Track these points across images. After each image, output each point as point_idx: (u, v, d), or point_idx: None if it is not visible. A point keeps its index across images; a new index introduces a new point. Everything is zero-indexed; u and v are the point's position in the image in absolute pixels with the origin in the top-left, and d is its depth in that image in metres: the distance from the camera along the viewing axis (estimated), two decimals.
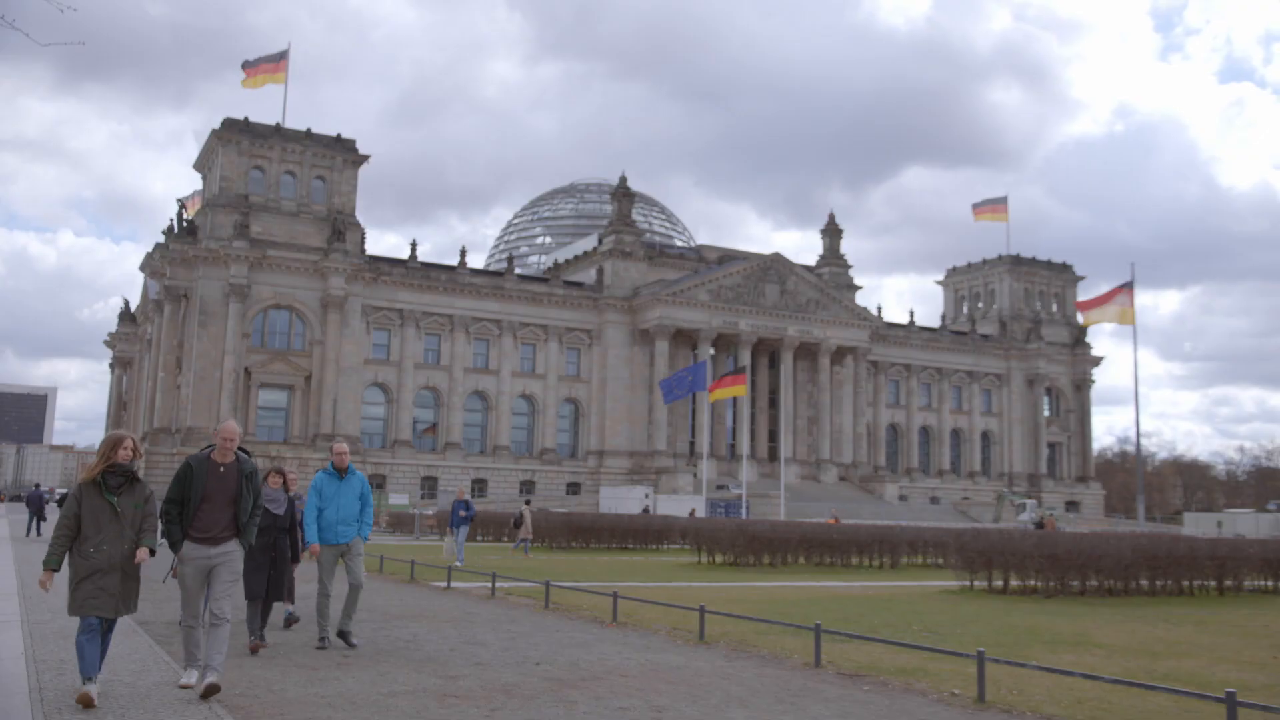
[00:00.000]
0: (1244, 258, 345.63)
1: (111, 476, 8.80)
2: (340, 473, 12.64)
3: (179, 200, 79.87)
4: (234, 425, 9.80)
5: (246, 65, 76.88)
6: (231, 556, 9.43)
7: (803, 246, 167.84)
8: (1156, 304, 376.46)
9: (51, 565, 8.59)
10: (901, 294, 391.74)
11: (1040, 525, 57.75)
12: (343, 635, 12.14)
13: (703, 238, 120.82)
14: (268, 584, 12.25)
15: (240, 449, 9.76)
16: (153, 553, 9.01)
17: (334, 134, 78.44)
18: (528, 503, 38.37)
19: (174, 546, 9.27)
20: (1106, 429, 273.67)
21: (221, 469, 9.47)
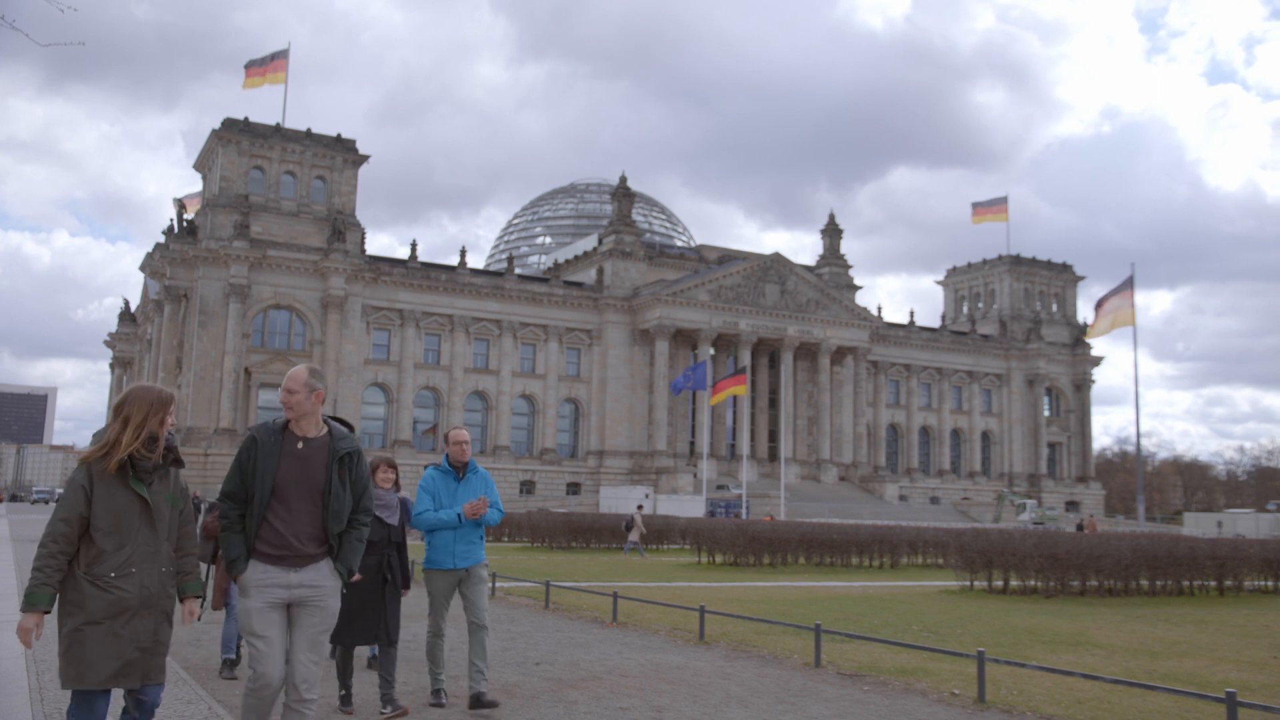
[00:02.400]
0: (1232, 258, 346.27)
1: (145, 456, 5.44)
2: (458, 470, 9.11)
3: (176, 200, 79.85)
4: (304, 372, 6.13)
5: (249, 66, 76.91)
6: (322, 590, 5.94)
7: (792, 246, 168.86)
8: (1148, 304, 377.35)
9: (41, 603, 5.22)
10: (894, 294, 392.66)
11: (1081, 527, 57.34)
12: (477, 698, 8.64)
13: (694, 238, 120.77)
14: (380, 624, 8.70)
15: (335, 419, 6.32)
16: (202, 604, 6.03)
17: (334, 134, 78.50)
18: (640, 507, 38.85)
19: (232, 567, 5.94)
20: (1103, 429, 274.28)
21: (301, 445, 5.97)
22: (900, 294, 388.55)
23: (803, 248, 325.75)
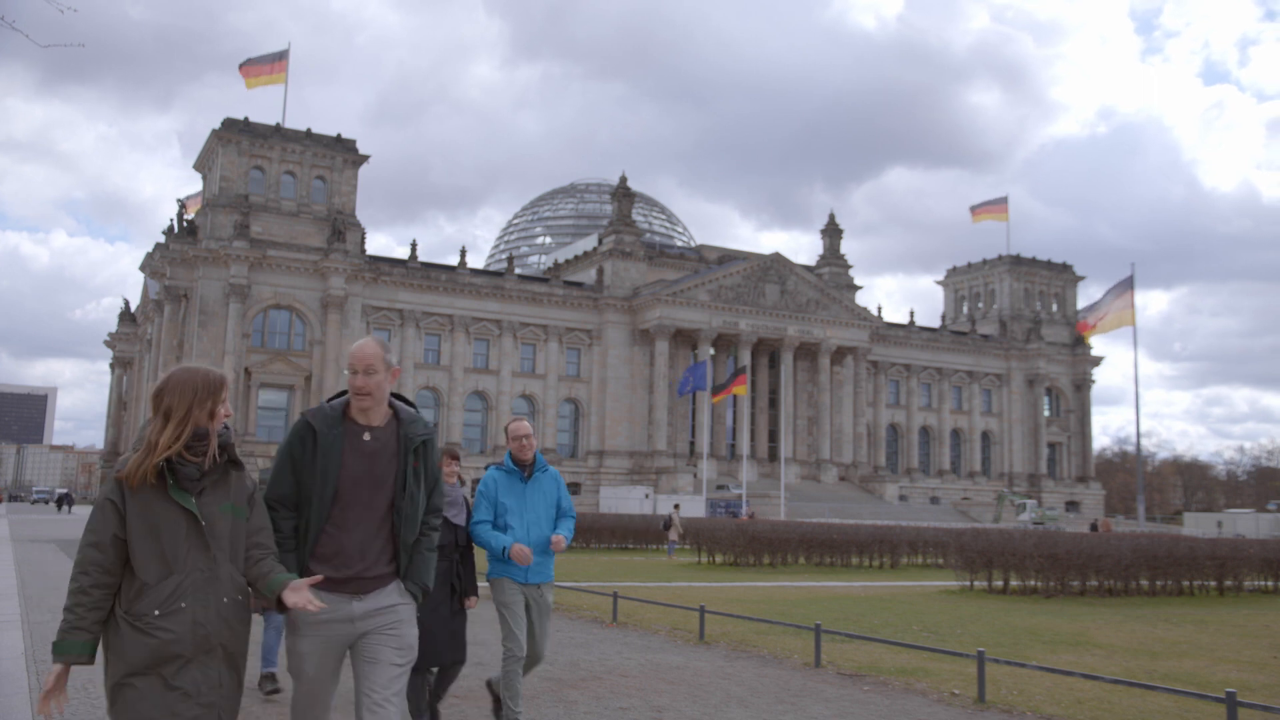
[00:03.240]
0: (1229, 258, 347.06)
1: (187, 460, 4.17)
2: (523, 469, 7.70)
3: (179, 200, 79.92)
4: (377, 345, 4.90)
5: (247, 63, 76.88)
6: (397, 616, 4.73)
7: (789, 246, 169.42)
8: (1145, 304, 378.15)
9: (72, 652, 4.00)
10: (891, 294, 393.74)
11: (1094, 527, 57.34)
12: None
13: (694, 238, 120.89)
14: (456, 641, 7.59)
15: (400, 398, 5.01)
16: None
17: (334, 134, 78.52)
18: (676, 506, 38.86)
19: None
20: (1102, 429, 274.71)
21: (369, 437, 4.74)
22: (898, 294, 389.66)
23: (800, 248, 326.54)
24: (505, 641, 7.54)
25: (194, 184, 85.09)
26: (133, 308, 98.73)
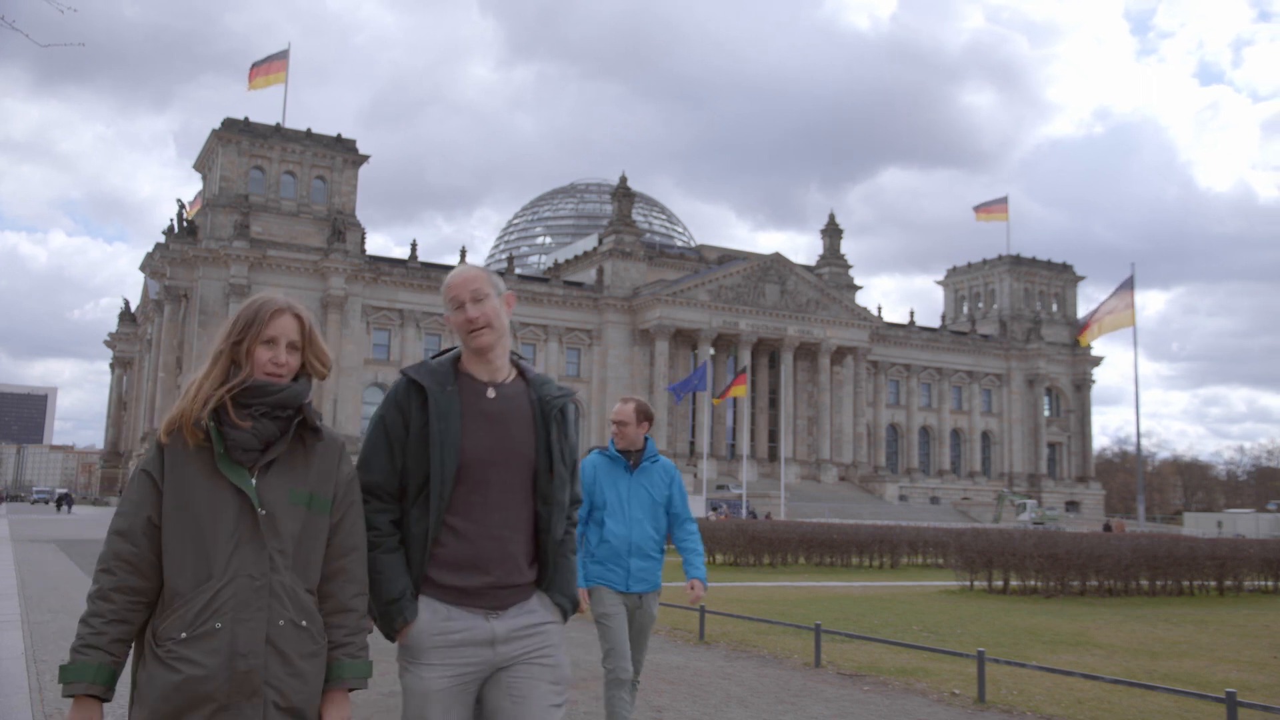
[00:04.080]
0: (1225, 258, 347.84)
1: (235, 424, 2.97)
2: (627, 457, 6.55)
3: (179, 200, 79.96)
4: (483, 271, 3.71)
5: (256, 65, 76.94)
6: (546, 637, 3.53)
7: (785, 246, 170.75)
8: (1142, 305, 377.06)
9: (86, 677, 2.82)
10: (888, 294, 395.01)
11: (1108, 528, 57.26)
12: None
13: (694, 238, 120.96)
14: None
15: (522, 356, 3.80)
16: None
17: (334, 134, 78.55)
18: (715, 509, 38.47)
19: (388, 616, 3.37)
20: (1100, 429, 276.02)
21: (493, 394, 3.54)
22: (895, 294, 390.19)
23: (797, 248, 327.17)
24: (606, 662, 6.29)
25: (191, 184, 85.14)
26: (132, 308, 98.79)
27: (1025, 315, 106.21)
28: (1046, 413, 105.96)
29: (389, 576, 3.34)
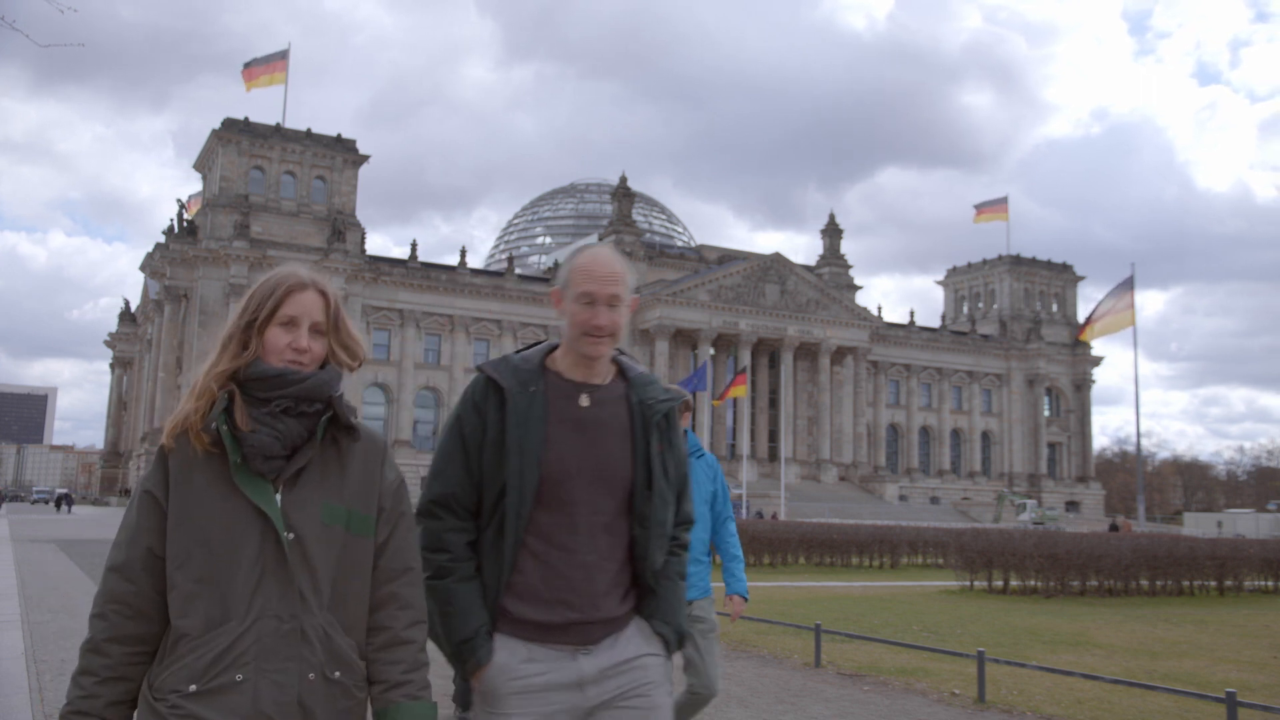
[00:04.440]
0: (1224, 258, 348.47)
1: (254, 424, 2.35)
2: None
3: (179, 200, 80.00)
4: (616, 255, 3.04)
5: (250, 65, 76.95)
6: (647, 678, 2.94)
7: (784, 246, 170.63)
8: (1141, 305, 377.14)
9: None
10: (887, 294, 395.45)
11: (1115, 528, 57.20)
12: None
13: (694, 238, 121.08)
14: None
15: (624, 352, 3.13)
16: None
17: (334, 134, 78.58)
18: (759, 514, 38.40)
19: (463, 655, 2.84)
20: (1100, 429, 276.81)
21: (586, 401, 2.96)
22: (894, 294, 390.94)
23: (796, 248, 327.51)
24: (688, 674, 5.87)
25: (190, 184, 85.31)
26: (132, 308, 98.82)
27: (1025, 315, 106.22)
28: (1046, 413, 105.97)
29: (464, 610, 2.83)
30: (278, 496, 2.35)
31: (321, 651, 2.36)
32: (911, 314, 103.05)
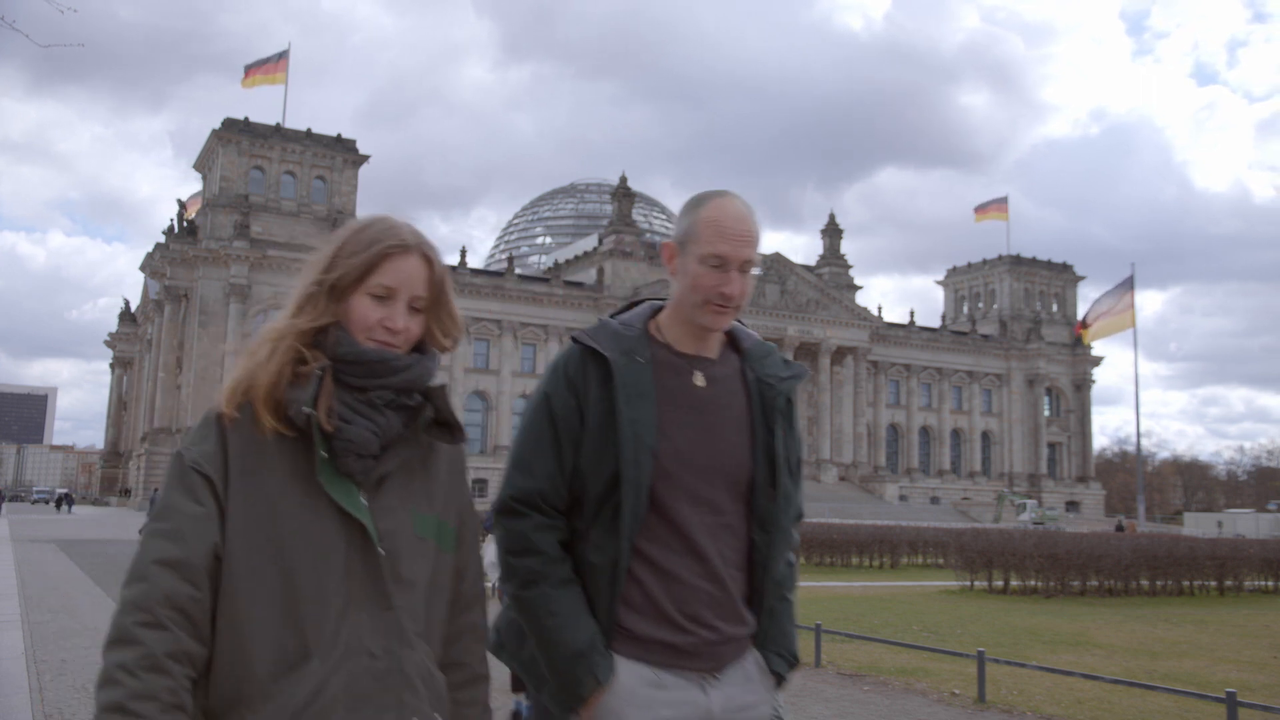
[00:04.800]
0: (1222, 258, 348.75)
1: (354, 418, 1.86)
2: None
3: (179, 200, 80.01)
4: (746, 209, 2.49)
5: (251, 67, 76.97)
6: (761, 714, 2.42)
7: (783, 246, 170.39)
8: (1139, 305, 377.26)
9: None
10: (885, 294, 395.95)
11: (1120, 528, 57.20)
12: None
13: None
14: None
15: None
16: None
17: (334, 134, 78.59)
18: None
19: (571, 681, 2.26)
20: (1100, 429, 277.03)
21: (700, 380, 2.44)
22: (892, 294, 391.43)
23: (794, 248, 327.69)
24: None
25: (188, 184, 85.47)
26: (132, 308, 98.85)
27: (1025, 315, 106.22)
28: (1046, 413, 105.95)
29: (569, 618, 2.29)
30: (363, 501, 1.87)
31: (426, 694, 1.87)
32: (911, 314, 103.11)
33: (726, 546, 2.41)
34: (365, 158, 79.01)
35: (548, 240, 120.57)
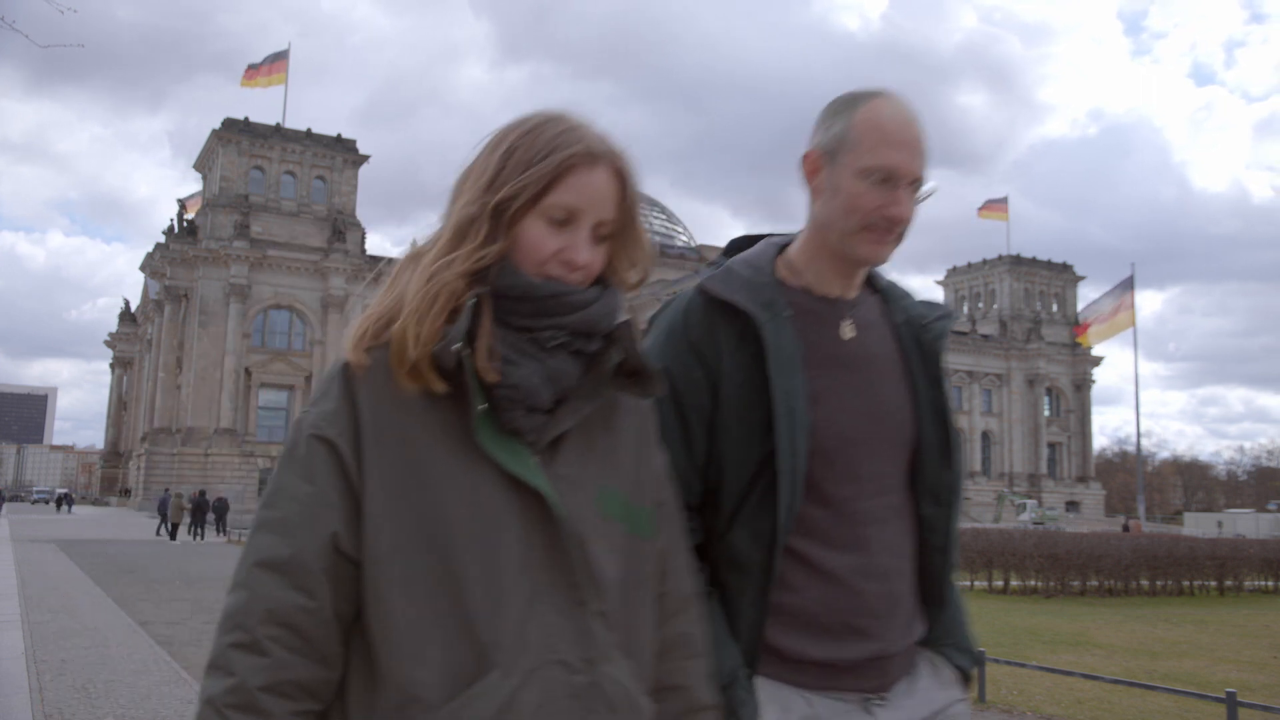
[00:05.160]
0: (1221, 258, 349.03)
1: (518, 363, 1.40)
2: None
3: (179, 200, 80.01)
4: (913, 115, 1.97)
5: (252, 68, 76.97)
6: None
7: None
8: (1138, 305, 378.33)
9: None
10: None
11: (1126, 528, 57.18)
12: None
13: (694, 238, 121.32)
14: None
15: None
16: None
17: (334, 134, 78.61)
18: None
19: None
20: (1099, 429, 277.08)
21: (850, 331, 1.94)
22: None
23: None
24: None
25: (188, 184, 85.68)
26: (132, 308, 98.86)
27: (1025, 315, 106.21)
28: (1046, 413, 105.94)
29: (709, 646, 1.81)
30: (538, 467, 1.42)
31: (630, 715, 1.42)
32: None
33: (894, 532, 1.92)
34: (365, 158, 79.02)
35: None
